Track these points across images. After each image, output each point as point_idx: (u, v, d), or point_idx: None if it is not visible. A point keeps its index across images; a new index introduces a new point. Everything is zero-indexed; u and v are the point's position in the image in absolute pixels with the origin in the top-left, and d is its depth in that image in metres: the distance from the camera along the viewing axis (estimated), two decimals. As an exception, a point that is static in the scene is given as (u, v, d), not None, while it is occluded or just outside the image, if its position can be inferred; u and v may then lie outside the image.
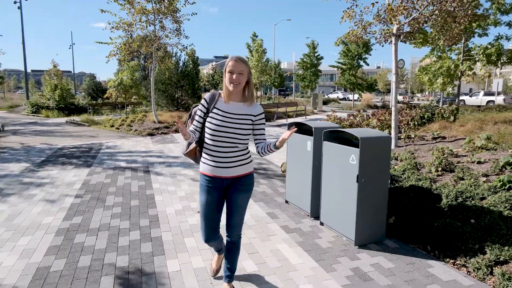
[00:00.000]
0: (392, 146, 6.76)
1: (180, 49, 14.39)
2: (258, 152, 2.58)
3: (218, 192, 2.57)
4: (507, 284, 2.93)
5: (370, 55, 26.84)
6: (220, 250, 3.01)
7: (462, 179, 4.52)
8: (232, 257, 2.81)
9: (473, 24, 10.84)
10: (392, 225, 4.17)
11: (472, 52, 12.07)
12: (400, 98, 40.15)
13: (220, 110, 2.48)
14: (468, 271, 3.26)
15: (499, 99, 25.97)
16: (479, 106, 13.42)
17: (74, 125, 16.91)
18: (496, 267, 3.14)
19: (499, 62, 11.46)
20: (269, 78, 40.63)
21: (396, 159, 5.85)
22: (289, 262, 3.43)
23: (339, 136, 4.22)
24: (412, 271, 3.27)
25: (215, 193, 2.57)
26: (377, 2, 6.26)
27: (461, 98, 36.36)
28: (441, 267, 3.35)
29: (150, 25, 13.53)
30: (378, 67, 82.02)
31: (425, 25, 6.51)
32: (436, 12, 5.68)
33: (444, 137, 6.91)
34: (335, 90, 63.08)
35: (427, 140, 6.88)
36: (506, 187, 3.98)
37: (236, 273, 3.19)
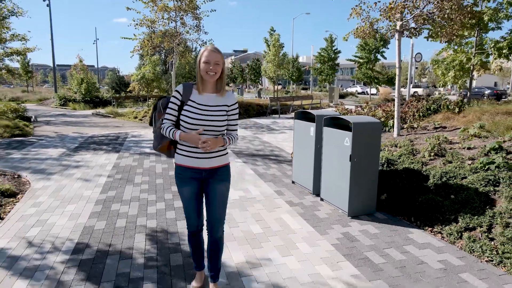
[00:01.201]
0: (395, 135, 7.25)
1: (200, 44, 15.09)
2: None
3: (196, 182, 2.55)
4: (472, 245, 3.48)
5: (388, 48, 26.89)
6: (202, 263, 2.86)
7: (450, 162, 5.02)
8: (216, 256, 2.69)
9: (485, 18, 11.06)
10: (383, 201, 4.74)
11: (485, 46, 12.23)
12: (420, 91, 39.87)
13: (195, 102, 2.45)
14: (442, 237, 3.81)
15: (420, 90, 32.65)
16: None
17: (100, 117, 17.95)
18: (465, 233, 3.68)
19: (511, 55, 11.59)
20: (286, 72, 41.04)
21: (396, 146, 6.36)
22: (289, 227, 4.07)
23: (338, 123, 4.79)
24: (393, 236, 3.85)
25: (193, 183, 2.55)
26: (379, 1, 6.74)
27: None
28: (419, 233, 3.92)
29: (171, 22, 14.27)
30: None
31: (427, 22, 6.94)
32: (435, 11, 6.12)
33: (445, 127, 7.34)
34: (354, 84, 62.69)
35: (428, 130, 7.33)
36: (485, 168, 4.47)
37: (245, 234, 3.85)
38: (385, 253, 3.47)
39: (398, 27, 6.86)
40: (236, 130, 2.63)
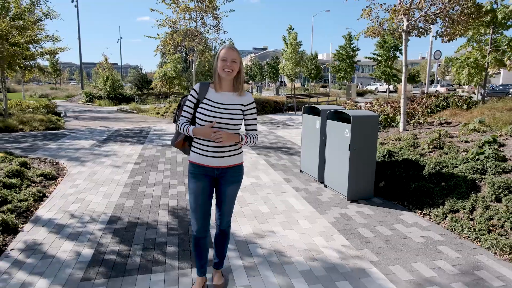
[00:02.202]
0: (401, 130, 7.63)
1: (219, 43, 15.72)
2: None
3: (208, 180, 2.58)
4: (454, 225, 3.91)
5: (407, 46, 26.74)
6: (203, 269, 2.80)
7: (446, 154, 5.41)
8: (222, 246, 2.80)
9: (499, 16, 11.19)
10: (381, 187, 5.19)
11: (502, 44, 12.29)
12: (442, 90, 39.48)
13: (211, 101, 2.49)
14: (430, 218, 4.25)
15: (442, 89, 34.90)
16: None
17: (124, 113, 18.87)
18: (450, 214, 4.12)
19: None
20: (305, 70, 41.33)
21: (399, 140, 6.75)
22: (293, 208, 4.60)
23: (341, 117, 5.26)
24: (385, 216, 4.32)
25: (206, 181, 2.57)
26: (385, 4, 7.12)
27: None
28: (410, 215, 4.37)
29: (192, 22, 14.94)
30: (423, 58, 79.40)
31: (434, 22, 7.29)
32: (438, 12, 6.48)
33: (450, 123, 7.67)
34: (375, 82, 62.28)
35: (433, 125, 7.67)
36: (475, 158, 4.86)
37: (253, 212, 4.41)
38: (375, 229, 3.96)
39: (404, 27, 7.24)
40: (256, 130, 2.64)
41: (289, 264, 3.21)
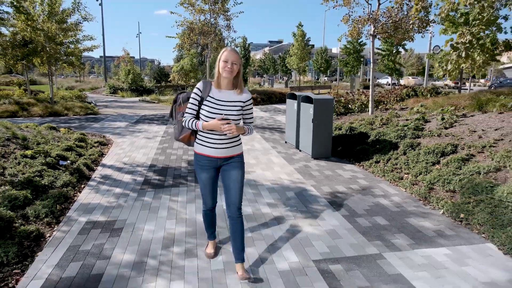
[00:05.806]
0: (370, 113, 9.63)
1: (229, 41, 17.82)
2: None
3: (213, 169, 2.85)
4: (374, 170, 5.97)
5: (412, 42, 28.23)
6: (213, 234, 3.26)
7: (388, 127, 7.42)
8: (239, 235, 2.88)
9: (470, 18, 12.93)
10: (339, 151, 7.26)
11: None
12: (451, 83, 40.76)
13: (213, 98, 2.69)
14: (363, 167, 6.31)
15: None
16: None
17: (146, 103, 21.22)
18: (374, 164, 6.17)
19: (495, 51, 13.28)
20: (315, 63, 43.08)
21: (363, 120, 8.76)
22: (272, 161, 6.72)
23: (310, 100, 7.31)
24: (333, 166, 6.41)
25: (211, 170, 2.84)
26: (352, 13, 9.13)
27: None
28: (350, 166, 6.44)
29: (207, 23, 17.06)
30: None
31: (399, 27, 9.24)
32: (390, 21, 8.42)
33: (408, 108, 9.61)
34: (386, 76, 63.25)
35: (396, 110, 9.63)
36: (402, 129, 6.86)
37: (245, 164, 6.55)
38: (322, 172, 6.05)
39: (371, 32, 9.20)
40: (252, 122, 2.90)
41: (260, 185, 5.35)
